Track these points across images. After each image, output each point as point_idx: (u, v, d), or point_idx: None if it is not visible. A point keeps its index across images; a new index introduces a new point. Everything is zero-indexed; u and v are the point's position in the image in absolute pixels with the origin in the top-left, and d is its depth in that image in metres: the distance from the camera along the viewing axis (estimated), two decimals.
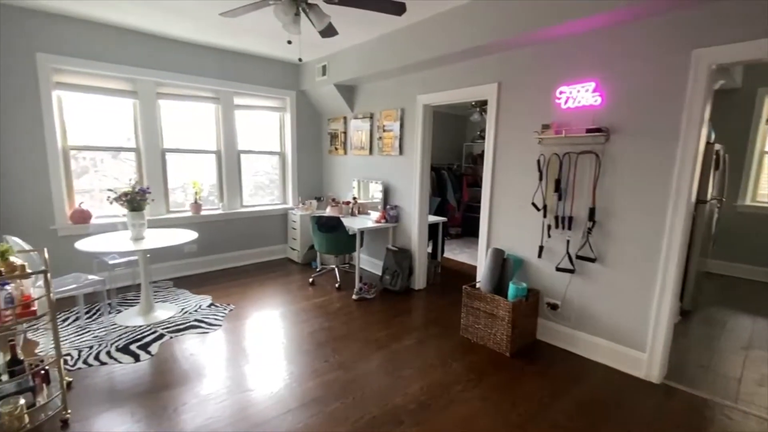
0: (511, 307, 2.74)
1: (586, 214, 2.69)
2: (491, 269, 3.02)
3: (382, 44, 3.76)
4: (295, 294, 3.98)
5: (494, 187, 3.28)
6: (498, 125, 3.19)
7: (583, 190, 2.71)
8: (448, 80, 3.57)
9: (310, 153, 5.42)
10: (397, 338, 3.05)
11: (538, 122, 2.90)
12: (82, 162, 3.85)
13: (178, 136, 4.39)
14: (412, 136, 4.01)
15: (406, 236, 4.23)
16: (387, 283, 4.12)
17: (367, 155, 4.65)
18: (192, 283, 4.23)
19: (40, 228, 3.54)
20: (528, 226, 3.06)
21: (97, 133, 3.89)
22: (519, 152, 3.06)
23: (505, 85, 3.11)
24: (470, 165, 7.42)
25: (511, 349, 2.79)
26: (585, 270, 2.76)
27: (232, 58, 4.50)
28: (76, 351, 2.72)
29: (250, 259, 5.01)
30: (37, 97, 3.42)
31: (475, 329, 3.00)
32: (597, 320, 2.74)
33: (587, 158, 2.67)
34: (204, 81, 4.33)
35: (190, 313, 3.41)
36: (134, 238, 3.18)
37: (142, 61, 3.92)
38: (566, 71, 2.74)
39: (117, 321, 3.20)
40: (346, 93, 4.72)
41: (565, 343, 2.92)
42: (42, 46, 3.39)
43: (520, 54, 2.99)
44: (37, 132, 3.45)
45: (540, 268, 3.02)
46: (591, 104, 2.62)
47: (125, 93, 3.94)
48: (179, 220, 4.35)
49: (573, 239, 2.79)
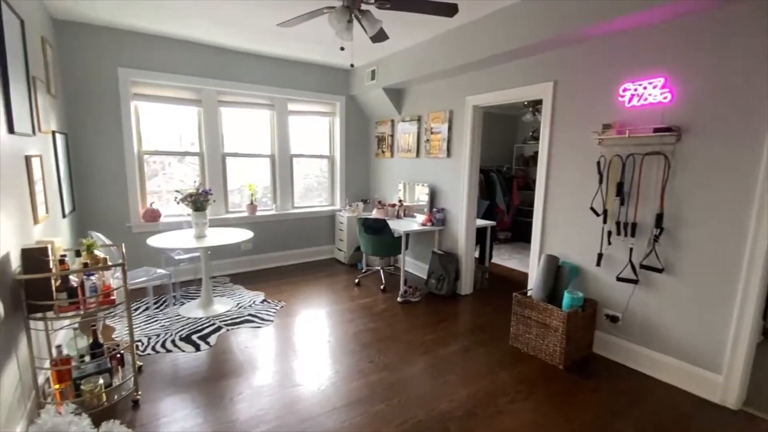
0: (565, 317, 2.60)
1: (653, 220, 2.48)
2: (544, 277, 2.89)
3: (431, 46, 3.75)
4: (341, 294, 4.06)
5: (548, 190, 3.13)
6: (553, 125, 3.05)
7: (648, 195, 2.51)
8: (498, 80, 3.48)
9: (358, 156, 5.52)
10: (442, 343, 3.01)
11: (597, 122, 2.73)
12: (152, 165, 4.23)
13: (237, 141, 4.67)
14: (461, 138, 3.95)
15: (452, 240, 4.16)
16: (432, 287, 4.08)
17: (414, 158, 4.64)
18: (247, 279, 4.47)
19: (117, 225, 3.93)
20: (585, 232, 2.88)
21: (166, 139, 4.24)
22: (576, 154, 2.90)
23: (561, 83, 2.96)
24: (521, 167, 7.15)
25: (564, 361, 2.64)
26: (650, 281, 2.55)
27: (287, 66, 4.71)
28: (145, 338, 2.98)
29: (299, 259, 5.20)
30: (118, 107, 3.80)
31: (526, 339, 2.88)
32: (664, 336, 2.52)
33: (654, 160, 2.47)
34: (261, 89, 4.57)
35: (245, 308, 3.61)
36: (197, 236, 3.42)
37: (206, 71, 4.22)
38: (630, 67, 2.55)
39: (181, 312, 3.46)
40: (394, 96, 4.75)
41: (625, 358, 2.71)
42: (122, 61, 3.77)
43: (578, 50, 2.83)
44: (117, 139, 3.84)
45: (598, 277, 2.83)
46: (659, 102, 2.42)
47: (191, 102, 4.27)
48: (236, 220, 4.62)
49: (637, 247, 2.59)
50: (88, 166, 3.74)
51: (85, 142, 3.70)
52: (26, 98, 2.26)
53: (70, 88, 3.58)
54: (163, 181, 4.31)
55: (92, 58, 3.64)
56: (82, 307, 2.05)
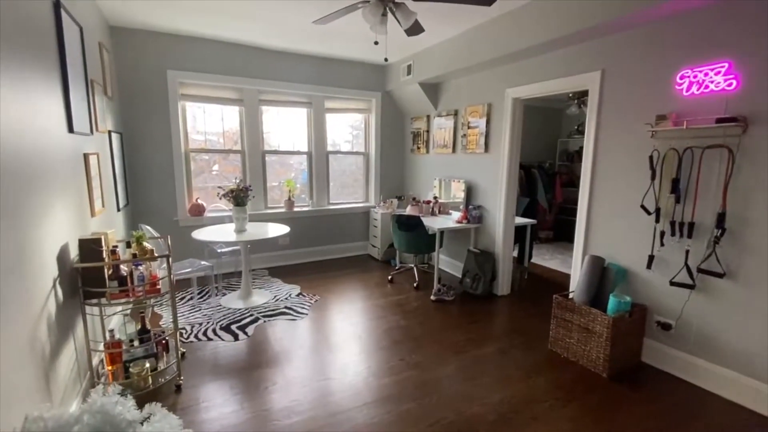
0: (610, 322, 2.43)
1: (713, 220, 2.26)
2: (588, 279, 2.72)
3: (468, 39, 3.64)
4: (374, 290, 4.07)
5: (594, 186, 2.94)
6: (600, 118, 2.85)
7: (709, 192, 2.28)
8: (540, 71, 3.31)
9: (393, 153, 5.50)
10: (476, 344, 2.93)
11: (650, 113, 2.52)
12: (199, 163, 4.44)
13: (276, 139, 4.80)
14: (499, 133, 3.81)
15: (489, 238, 4.04)
16: (467, 286, 3.98)
17: (450, 153, 4.54)
18: (284, 272, 4.60)
19: (165, 219, 4.17)
20: (635, 232, 2.68)
21: (212, 138, 4.45)
22: (625, 148, 2.70)
23: (609, 72, 2.77)
24: (565, 163, 6.81)
25: (609, 370, 2.48)
26: (709, 286, 2.33)
27: (323, 64, 4.77)
28: (189, 326, 3.14)
29: (334, 254, 5.28)
30: (167, 108, 4.03)
31: (566, 344, 2.73)
32: (724, 347, 2.29)
33: (716, 153, 2.24)
34: (298, 87, 4.67)
35: (281, 301, 3.71)
36: (237, 230, 3.55)
37: (247, 71, 4.37)
38: (689, 52, 2.33)
39: (222, 303, 3.62)
40: (430, 91, 4.68)
41: (678, 369, 2.50)
42: (171, 63, 3.99)
43: (628, 36, 2.63)
44: (166, 138, 4.07)
45: (648, 281, 2.63)
46: (722, 89, 2.19)
47: (233, 101, 4.43)
48: (275, 215, 4.76)
49: (694, 249, 2.37)
50: (140, 163, 3.99)
51: (137, 141, 3.96)
52: (85, 100, 2.44)
53: (124, 91, 3.83)
54: (208, 177, 4.53)
55: (144, 62, 3.88)
56: (131, 295, 2.19)
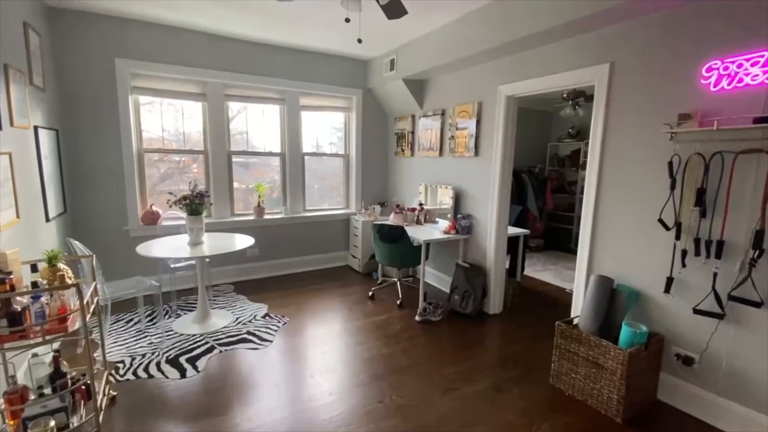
0: (626, 358, 2.05)
1: (749, 238, 1.91)
2: (595, 303, 2.34)
3: (457, 29, 3.25)
4: (353, 309, 3.63)
5: (600, 197, 2.58)
6: (608, 118, 2.49)
7: (743, 205, 1.93)
8: (538, 65, 2.94)
9: (375, 155, 5.07)
10: (468, 379, 2.52)
11: (670, 112, 2.17)
12: (169, 164, 3.93)
13: (244, 139, 4.32)
14: (491, 135, 3.43)
15: (479, 251, 3.65)
16: (456, 304, 3.58)
17: (437, 157, 4.15)
18: (252, 288, 4.11)
19: (113, 228, 3.64)
20: (650, 250, 2.32)
21: (169, 136, 3.94)
22: (639, 152, 2.34)
23: (619, 65, 2.41)
24: (555, 168, 6.51)
25: (623, 413, 2.10)
26: (742, 316, 1.97)
27: (298, 56, 4.32)
28: (129, 358, 2.64)
29: (310, 266, 4.81)
30: (115, 101, 3.51)
31: (572, 380, 2.34)
32: (758, 389, 1.94)
33: (752, 159, 1.89)
34: (270, 81, 4.21)
35: (244, 324, 3.23)
36: (192, 243, 3.07)
37: (211, 62, 3.89)
38: (717, 40, 1.98)
39: (174, 327, 3.12)
40: (415, 88, 4.28)
41: (703, 411, 2.14)
42: (120, 51, 3.48)
43: (642, 23, 2.28)
44: (114, 135, 3.55)
45: (666, 307, 2.27)
46: (761, 83, 1.85)
47: (195, 96, 3.94)
48: (243, 224, 4.27)
49: (724, 272, 2.01)
50: (83, 164, 3.46)
51: (80, 139, 3.43)
52: None
53: (63, 81, 3.31)
54: (172, 181, 4.01)
55: (88, 49, 3.36)
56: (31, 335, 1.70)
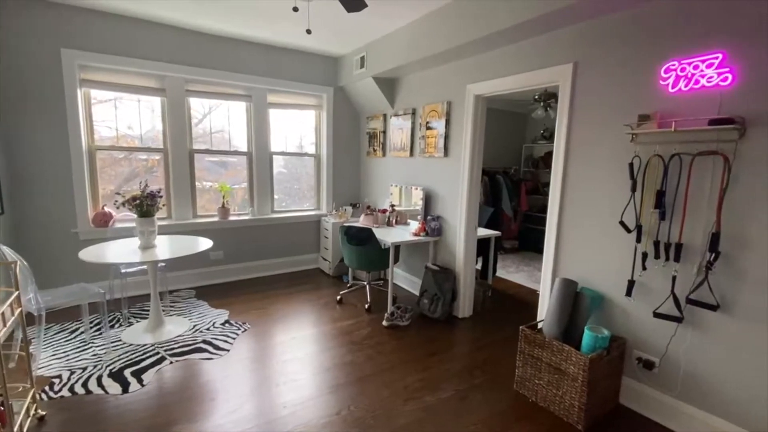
0: (587, 363, 2.01)
1: (706, 241, 1.89)
2: (559, 307, 2.30)
3: (426, 25, 3.17)
4: (320, 313, 3.50)
5: (565, 198, 2.54)
6: (572, 118, 2.46)
7: (700, 208, 1.92)
8: (505, 64, 2.90)
9: (347, 155, 4.96)
10: (432, 387, 2.43)
11: (630, 112, 2.14)
12: (110, 162, 3.71)
13: (207, 137, 4.14)
14: (460, 135, 3.37)
15: (449, 253, 3.58)
16: (425, 308, 3.50)
17: (408, 157, 4.07)
18: (215, 293, 3.93)
19: (61, 231, 3.40)
20: (612, 253, 2.29)
21: (125, 133, 3.72)
22: (602, 153, 2.31)
23: (583, 65, 2.37)
24: (530, 169, 6.54)
25: (585, 420, 2.05)
26: (700, 320, 1.95)
27: (265, 52, 4.16)
28: (68, 372, 2.44)
29: (279, 269, 4.65)
30: (62, 95, 3.28)
31: (535, 386, 2.29)
32: (716, 392, 1.92)
33: (709, 161, 1.87)
34: (235, 77, 4.03)
35: (201, 332, 3.06)
36: (143, 247, 2.88)
37: (171, 56, 3.69)
38: (677, 41, 1.96)
39: (123, 337, 2.92)
40: (386, 87, 4.19)
41: (663, 416, 2.12)
42: (67, 41, 3.25)
43: (604, 23, 2.25)
44: (61, 131, 3.32)
45: (628, 310, 2.24)
46: (716, 85, 1.83)
47: (153, 90, 3.74)
48: (206, 226, 4.09)
49: (682, 275, 1.99)
50: (25, 162, 3.22)
51: (22, 135, 3.18)
52: None
53: (2, 74, 3.06)
54: (122, 180, 3.79)
55: (30, 38, 3.12)
56: None
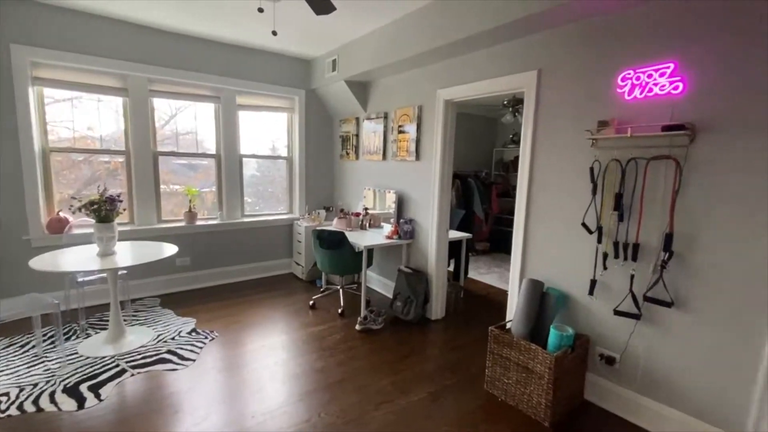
0: (552, 361, 2.06)
1: (660, 241, 1.99)
2: (526, 306, 2.35)
3: (398, 30, 3.20)
4: (292, 319, 3.44)
5: (531, 201, 2.61)
6: (537, 123, 2.53)
7: (655, 209, 2.01)
8: (474, 70, 2.96)
9: (321, 158, 4.91)
10: (404, 389, 2.43)
11: (591, 119, 2.23)
12: (68, 165, 3.51)
13: (175, 139, 4.00)
14: (431, 139, 3.41)
15: (422, 256, 3.61)
16: (398, 311, 3.50)
17: (380, 161, 4.08)
18: (181, 300, 3.79)
19: (11, 238, 3.19)
20: (576, 254, 2.37)
21: (85, 134, 3.54)
22: (565, 157, 2.39)
23: (546, 72, 2.46)
24: (501, 173, 6.70)
25: (551, 416, 2.11)
26: (656, 316, 2.05)
27: (234, 52, 4.07)
28: (17, 389, 2.28)
29: (250, 275, 4.54)
30: (11, 94, 3.09)
31: (504, 385, 2.33)
32: (672, 385, 2.02)
33: (662, 165, 1.98)
34: (202, 77, 3.92)
35: (166, 342, 2.94)
36: (102, 254, 2.74)
37: (132, 55, 3.55)
38: (632, 50, 2.06)
39: (80, 350, 2.76)
40: (359, 90, 4.19)
41: (624, 410, 2.20)
42: (16, 36, 3.06)
43: (568, 31, 2.33)
44: (10, 132, 3.11)
45: (591, 309, 2.32)
46: (668, 93, 1.93)
47: (114, 90, 3.57)
48: (172, 231, 3.94)
49: (640, 274, 2.08)
50: None
51: None
52: None
53: None
54: (81, 183, 3.60)
55: None
56: None
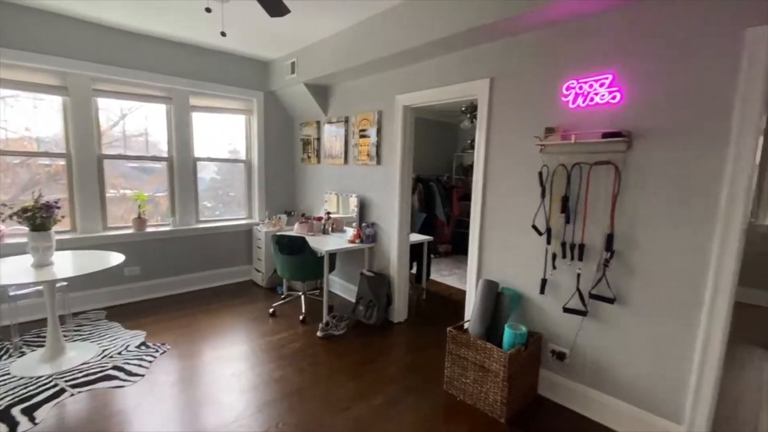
0: (507, 359, 2.13)
1: (603, 241, 2.11)
2: (483, 306, 2.42)
3: (357, 35, 3.21)
4: (250, 328, 3.33)
5: (486, 204, 2.70)
6: (490, 130, 2.63)
7: (597, 211, 2.14)
8: (431, 77, 3.02)
9: (281, 161, 4.82)
10: (364, 395, 2.42)
11: (539, 126, 2.34)
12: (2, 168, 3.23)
13: (126, 141, 3.77)
14: (391, 143, 3.44)
15: (384, 259, 3.62)
16: (360, 315, 3.49)
17: (342, 165, 4.06)
18: (130, 312, 3.57)
19: None
20: (528, 254, 2.47)
21: (23, 135, 3.26)
22: (516, 162, 2.49)
23: (499, 80, 2.55)
24: (461, 177, 6.88)
25: (507, 413, 2.18)
26: (601, 312, 2.17)
27: (188, 52, 3.92)
28: None
29: (207, 283, 4.36)
30: None
31: (462, 384, 2.38)
32: (616, 377, 2.14)
33: (603, 170, 2.11)
34: (152, 77, 3.73)
35: (112, 357, 2.75)
36: (37, 265, 2.54)
37: (73, 51, 3.32)
38: (576, 61, 2.19)
39: (12, 370, 2.53)
40: (319, 94, 4.15)
41: (574, 403, 2.32)
42: None
43: (518, 42, 2.44)
44: None
45: (543, 307, 2.43)
46: (607, 102, 2.07)
47: (53, 89, 3.33)
48: (119, 238, 3.70)
49: (585, 273, 2.21)
50: None
51: None
52: None
53: None
54: (55, 190, 3.31)
55: None
56: None
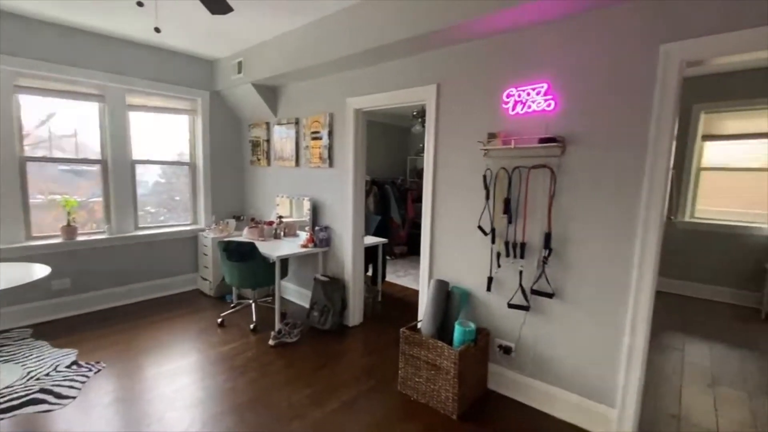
0: (457, 356, 2.20)
1: (541, 240, 2.25)
2: (434, 305, 2.48)
3: (307, 35, 3.17)
4: (196, 340, 3.17)
5: (435, 206, 2.78)
6: (438, 135, 2.71)
7: (536, 212, 2.28)
8: (381, 81, 3.06)
9: (228, 164, 4.63)
10: (319, 401, 2.39)
11: (483, 131, 2.45)
12: None
13: (55, 141, 3.44)
14: (343, 146, 3.43)
15: (338, 263, 3.60)
16: (315, 320, 3.44)
17: (294, 167, 3.99)
18: (60, 330, 3.25)
19: None
20: (475, 254, 2.57)
21: None
22: (463, 166, 2.59)
23: (445, 86, 2.64)
24: (415, 180, 7.01)
25: (458, 409, 2.25)
26: (542, 307, 2.31)
27: (123, 48, 3.66)
28: None
29: (148, 294, 4.08)
30: None
31: (416, 384, 2.42)
32: (557, 367, 2.29)
33: (540, 173, 2.24)
34: (83, 73, 3.44)
35: (39, 379, 2.50)
36: None
37: None
38: (515, 70, 2.32)
39: None
40: (268, 95, 4.05)
41: (520, 394, 2.44)
42: None
43: (462, 50, 2.54)
44: None
45: (489, 304, 2.54)
46: (543, 109, 2.21)
47: None
48: (45, 248, 3.37)
49: (527, 270, 2.33)
50: None
51: None
52: None
53: None
54: None
55: None
56: None
